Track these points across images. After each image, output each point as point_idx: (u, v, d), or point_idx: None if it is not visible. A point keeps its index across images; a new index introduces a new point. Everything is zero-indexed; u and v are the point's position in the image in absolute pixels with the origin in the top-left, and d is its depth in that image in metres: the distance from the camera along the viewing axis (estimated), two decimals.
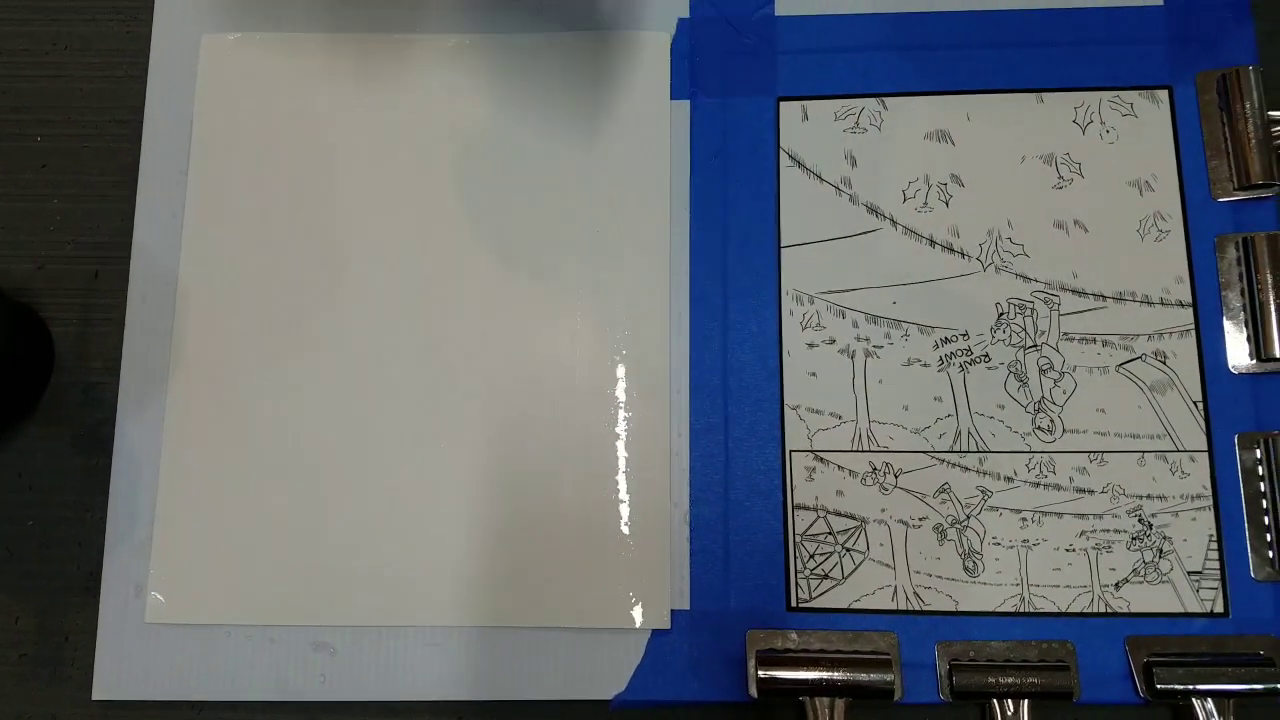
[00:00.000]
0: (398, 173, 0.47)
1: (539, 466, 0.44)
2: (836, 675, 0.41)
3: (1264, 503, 0.42)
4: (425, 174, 0.47)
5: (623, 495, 0.44)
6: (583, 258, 0.46)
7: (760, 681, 0.41)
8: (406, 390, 0.45)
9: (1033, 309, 0.44)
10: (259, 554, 0.44)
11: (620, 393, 0.45)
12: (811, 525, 0.43)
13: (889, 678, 0.41)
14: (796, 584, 0.43)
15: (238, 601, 0.43)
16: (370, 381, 0.45)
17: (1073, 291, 0.45)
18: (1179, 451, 0.43)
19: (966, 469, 0.43)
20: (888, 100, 0.47)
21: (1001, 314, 0.45)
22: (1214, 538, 0.42)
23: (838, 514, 0.43)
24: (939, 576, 0.43)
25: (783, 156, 0.47)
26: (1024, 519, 0.43)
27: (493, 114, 0.47)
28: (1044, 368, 0.44)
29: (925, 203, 0.46)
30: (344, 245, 0.46)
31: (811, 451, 0.44)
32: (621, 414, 0.44)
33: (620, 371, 0.45)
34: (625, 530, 0.43)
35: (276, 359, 0.46)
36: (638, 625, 0.42)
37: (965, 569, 0.43)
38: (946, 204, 0.46)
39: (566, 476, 0.44)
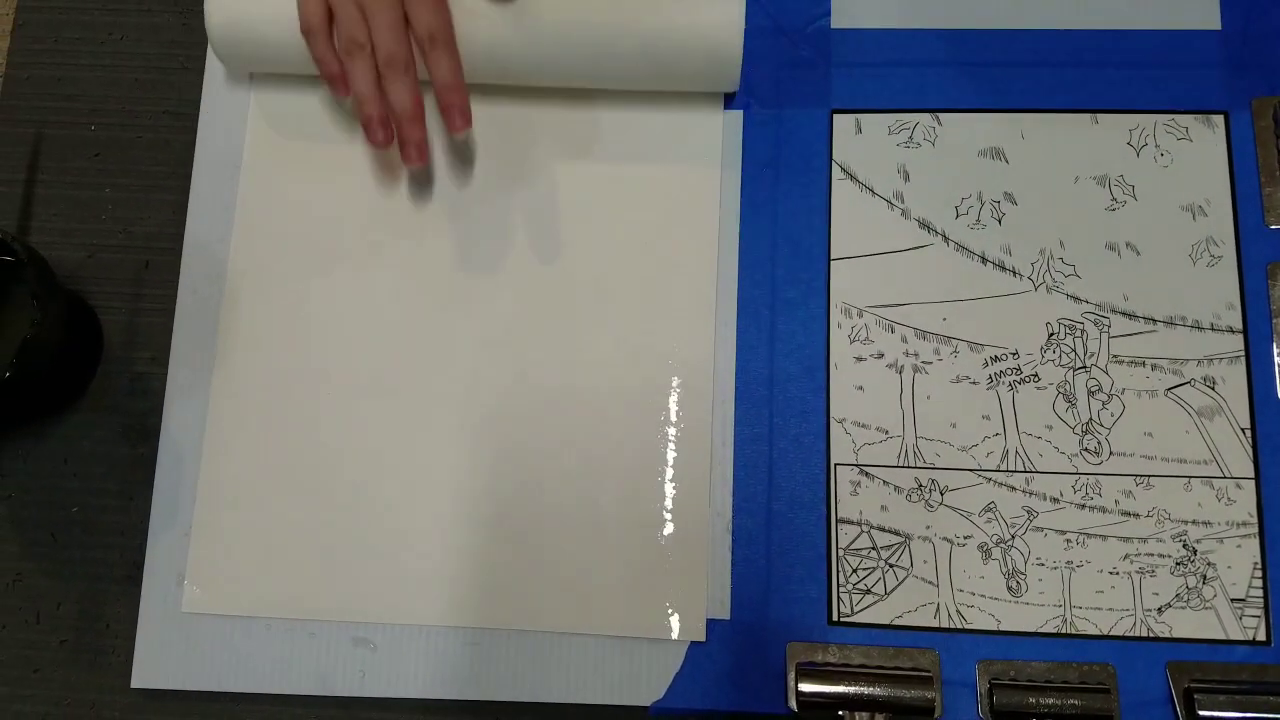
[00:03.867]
0: (449, 170, 0.47)
1: (583, 473, 0.44)
2: (877, 691, 0.41)
3: None
4: (475, 174, 0.47)
5: (666, 505, 0.44)
6: (631, 264, 0.46)
7: (800, 694, 0.41)
8: (453, 392, 0.45)
9: (1083, 330, 0.44)
10: (300, 548, 0.44)
11: (665, 401, 0.45)
12: (855, 540, 0.43)
13: (929, 695, 0.41)
14: (838, 598, 0.43)
15: (277, 594, 0.44)
16: (417, 384, 0.45)
17: (1123, 314, 0.44)
18: (1226, 478, 0.43)
19: (1013, 488, 0.43)
20: (942, 116, 0.47)
21: (1052, 334, 0.44)
22: (1259, 565, 0.42)
23: (882, 529, 0.43)
24: (982, 595, 0.42)
25: (835, 169, 0.47)
26: (1069, 540, 0.43)
27: (544, 118, 0.47)
28: (1093, 390, 0.44)
29: (978, 219, 0.46)
30: (394, 245, 0.47)
31: (857, 465, 0.44)
32: (666, 423, 0.44)
33: (665, 380, 0.45)
34: (666, 540, 0.43)
35: (323, 356, 0.46)
36: (674, 637, 0.42)
37: (1009, 589, 0.42)
38: (999, 221, 0.46)
39: (610, 484, 0.44)
